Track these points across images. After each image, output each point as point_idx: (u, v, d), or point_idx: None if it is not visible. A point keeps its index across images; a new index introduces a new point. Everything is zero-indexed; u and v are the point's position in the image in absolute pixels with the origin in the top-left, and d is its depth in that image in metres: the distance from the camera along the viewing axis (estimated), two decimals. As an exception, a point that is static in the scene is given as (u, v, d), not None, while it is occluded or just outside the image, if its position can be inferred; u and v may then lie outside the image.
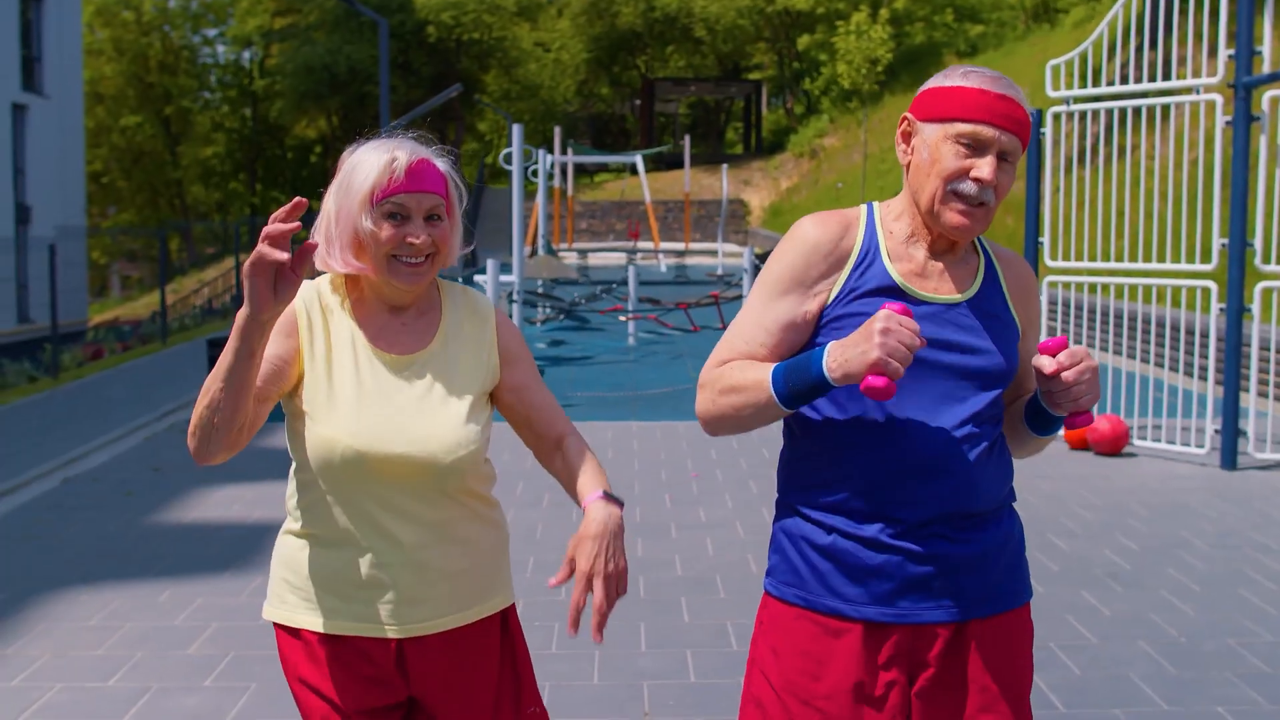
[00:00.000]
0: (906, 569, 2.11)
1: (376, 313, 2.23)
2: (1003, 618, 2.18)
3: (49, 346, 16.61)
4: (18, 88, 33.58)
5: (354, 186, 2.14)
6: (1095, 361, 2.04)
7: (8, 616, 5.28)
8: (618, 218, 42.85)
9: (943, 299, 2.14)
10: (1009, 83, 2.11)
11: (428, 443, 2.16)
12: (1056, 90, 8.70)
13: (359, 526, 2.17)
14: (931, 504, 2.10)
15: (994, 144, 2.05)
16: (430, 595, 2.21)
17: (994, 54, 37.47)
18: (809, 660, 2.16)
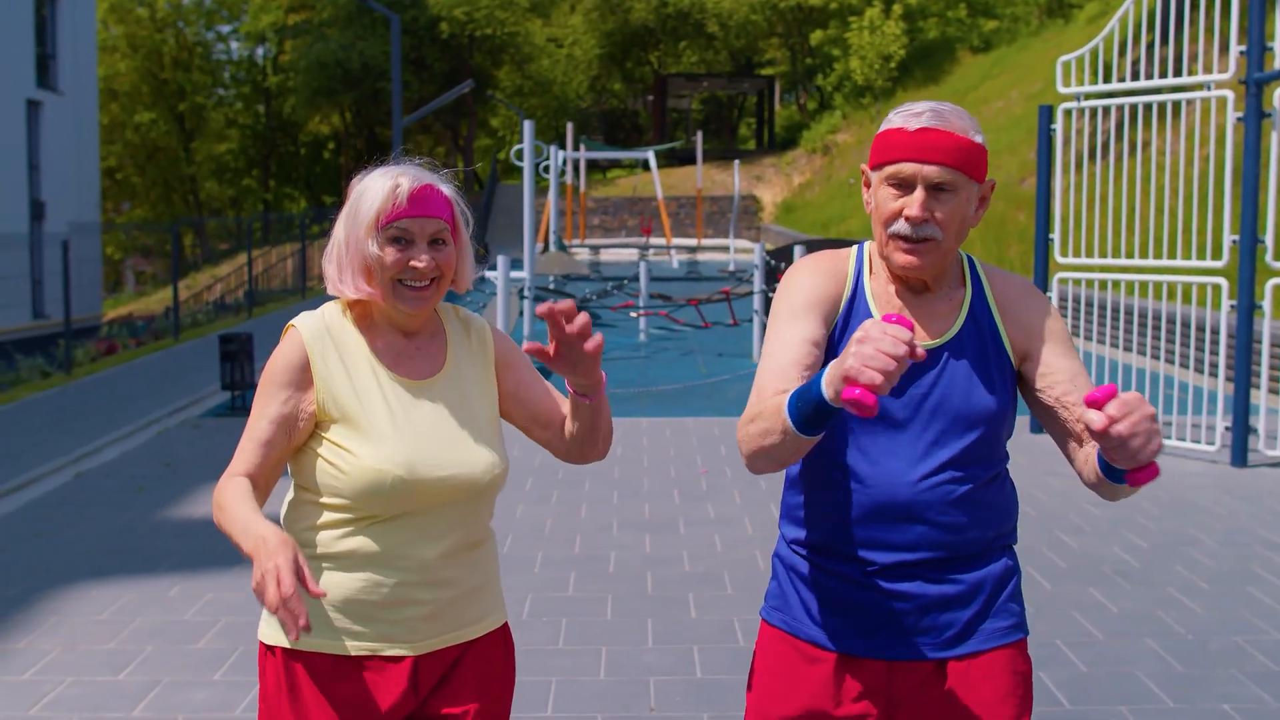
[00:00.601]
0: (883, 606, 2.14)
1: (388, 338, 2.25)
2: (987, 656, 2.13)
3: (62, 342, 16.66)
4: (32, 84, 33.71)
5: (360, 213, 2.17)
6: (1151, 408, 1.82)
7: (19, 611, 5.32)
8: (630, 214, 42.86)
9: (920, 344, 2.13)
10: (937, 113, 2.07)
11: (466, 465, 2.19)
12: (1067, 86, 8.69)
13: (387, 548, 2.17)
14: (903, 548, 2.12)
15: (917, 179, 2.05)
16: (447, 611, 2.23)
17: (1007, 49, 37.37)
18: (782, 683, 2.21)
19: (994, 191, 2.17)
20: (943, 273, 2.17)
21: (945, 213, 2.07)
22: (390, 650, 2.20)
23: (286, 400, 2.17)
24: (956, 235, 2.09)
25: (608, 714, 4.17)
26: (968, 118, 2.10)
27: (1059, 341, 2.17)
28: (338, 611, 2.18)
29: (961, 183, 2.06)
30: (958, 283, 2.19)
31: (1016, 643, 2.17)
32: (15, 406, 12.09)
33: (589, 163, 42.63)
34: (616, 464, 8.15)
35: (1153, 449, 1.80)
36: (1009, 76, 33.01)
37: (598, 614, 5.19)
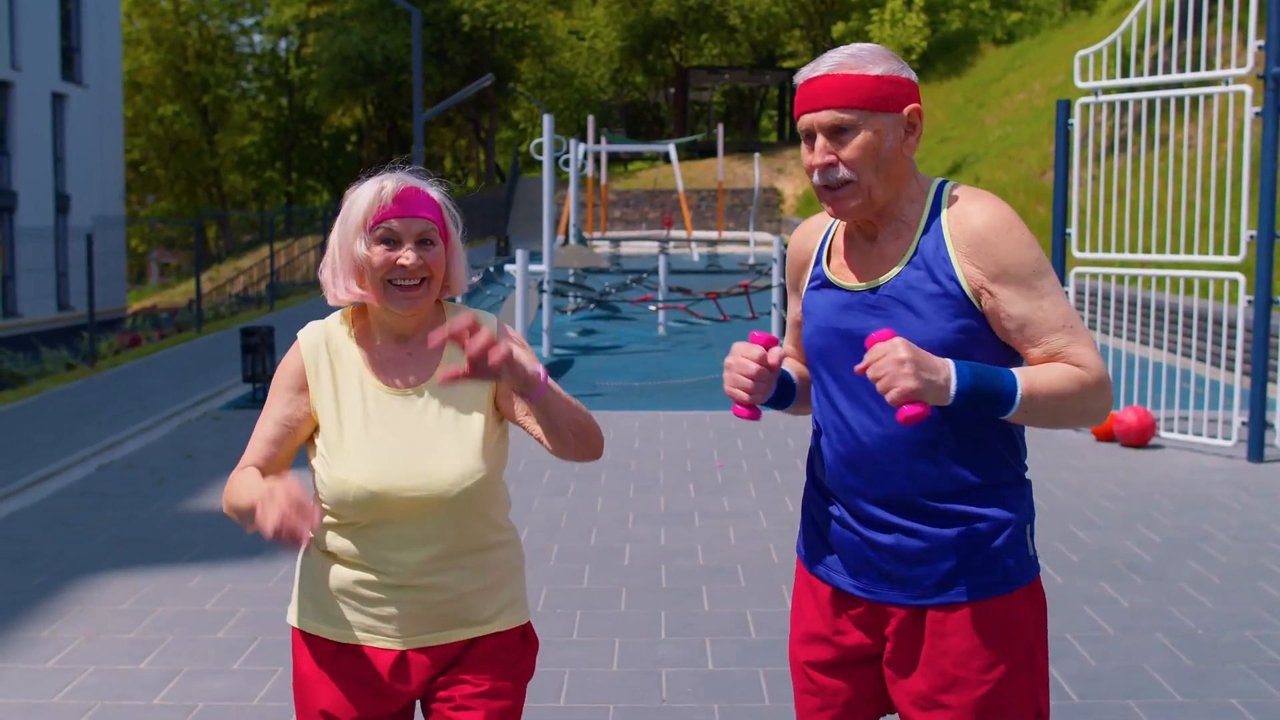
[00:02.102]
0: (863, 550, 2.21)
1: (382, 344, 2.32)
2: (971, 606, 2.15)
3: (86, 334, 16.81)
4: (57, 77, 33.97)
5: (350, 217, 2.26)
6: (900, 354, 1.93)
7: (43, 600, 5.40)
8: (651, 206, 42.88)
9: (860, 285, 2.18)
10: (830, 60, 2.10)
11: (433, 476, 2.23)
12: (1085, 81, 8.68)
13: (369, 553, 2.28)
14: (875, 497, 2.18)
15: (814, 127, 2.11)
16: (436, 614, 2.30)
17: (1030, 41, 37.19)
18: (794, 609, 2.39)
19: (922, 121, 2.11)
20: (885, 212, 2.16)
21: (849, 152, 2.08)
22: (380, 643, 2.30)
23: (289, 402, 2.31)
24: (876, 170, 2.09)
25: (620, 705, 4.22)
26: (870, 54, 2.10)
27: (1015, 283, 2.08)
28: (335, 601, 2.31)
29: (862, 119, 2.07)
30: (911, 217, 2.17)
31: (1002, 596, 2.16)
32: (40, 398, 12.22)
33: (610, 155, 42.66)
34: (633, 457, 8.20)
35: (896, 391, 1.93)
36: (1031, 69, 32.86)
37: (612, 606, 5.24)
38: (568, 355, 13.55)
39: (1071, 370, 2.08)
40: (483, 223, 41.97)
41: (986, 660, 2.14)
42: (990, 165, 26.94)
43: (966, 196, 2.14)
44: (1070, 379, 2.07)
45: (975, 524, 2.15)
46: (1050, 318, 2.09)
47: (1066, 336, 2.09)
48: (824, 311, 2.22)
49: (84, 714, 4.17)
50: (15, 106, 31.79)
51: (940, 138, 34.25)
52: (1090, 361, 2.09)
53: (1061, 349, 2.09)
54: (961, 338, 2.09)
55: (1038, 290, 2.08)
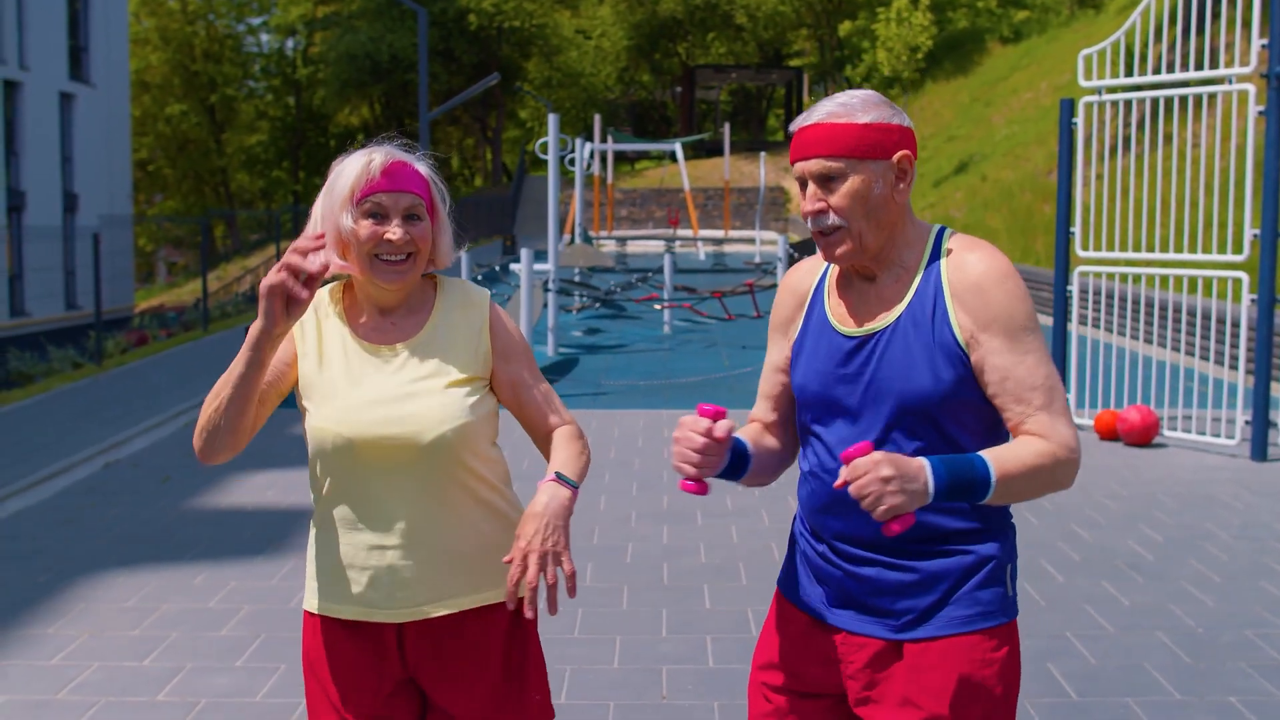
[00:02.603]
0: (846, 583, 2.23)
1: (367, 314, 2.35)
2: (944, 642, 2.16)
3: (93, 333, 16.86)
4: (65, 77, 34.05)
5: (336, 189, 2.27)
6: (884, 471, 1.94)
7: (48, 597, 5.43)
8: (658, 205, 42.89)
9: (859, 331, 2.19)
10: (819, 109, 2.14)
11: (407, 423, 2.25)
12: (1089, 80, 8.68)
13: (359, 510, 2.29)
14: (860, 537, 2.19)
15: (805, 175, 2.15)
16: (428, 576, 2.29)
17: (1038, 39, 37.16)
18: (764, 636, 2.39)
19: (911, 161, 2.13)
20: (882, 256, 2.18)
21: (838, 199, 2.11)
22: (377, 616, 2.30)
23: (278, 352, 2.34)
24: (867, 217, 2.12)
25: (620, 702, 4.24)
26: (861, 102, 2.13)
27: (1002, 335, 2.10)
28: (331, 576, 2.32)
29: (849, 166, 2.11)
30: (911, 263, 2.18)
31: (979, 631, 2.16)
32: (47, 397, 12.27)
33: (617, 154, 42.66)
34: (636, 456, 8.22)
35: (883, 508, 1.94)
36: (1039, 68, 32.84)
37: (613, 604, 5.26)
38: (572, 354, 13.57)
39: (1040, 446, 2.08)
40: (490, 221, 41.99)
41: (963, 696, 2.14)
42: (997, 164, 26.92)
43: (965, 245, 2.17)
44: (1039, 455, 2.07)
45: (956, 560, 2.17)
46: (1032, 375, 2.10)
47: (1044, 398, 2.10)
48: (821, 355, 2.23)
49: (88, 710, 4.20)
50: (23, 106, 31.87)
51: (947, 136, 34.23)
52: (1061, 434, 2.10)
53: (1034, 414, 2.10)
54: (954, 387, 2.11)
55: (1023, 345, 2.10)
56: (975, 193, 26.22)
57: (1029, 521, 6.47)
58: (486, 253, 32.56)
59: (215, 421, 2.21)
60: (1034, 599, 5.25)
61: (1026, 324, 2.11)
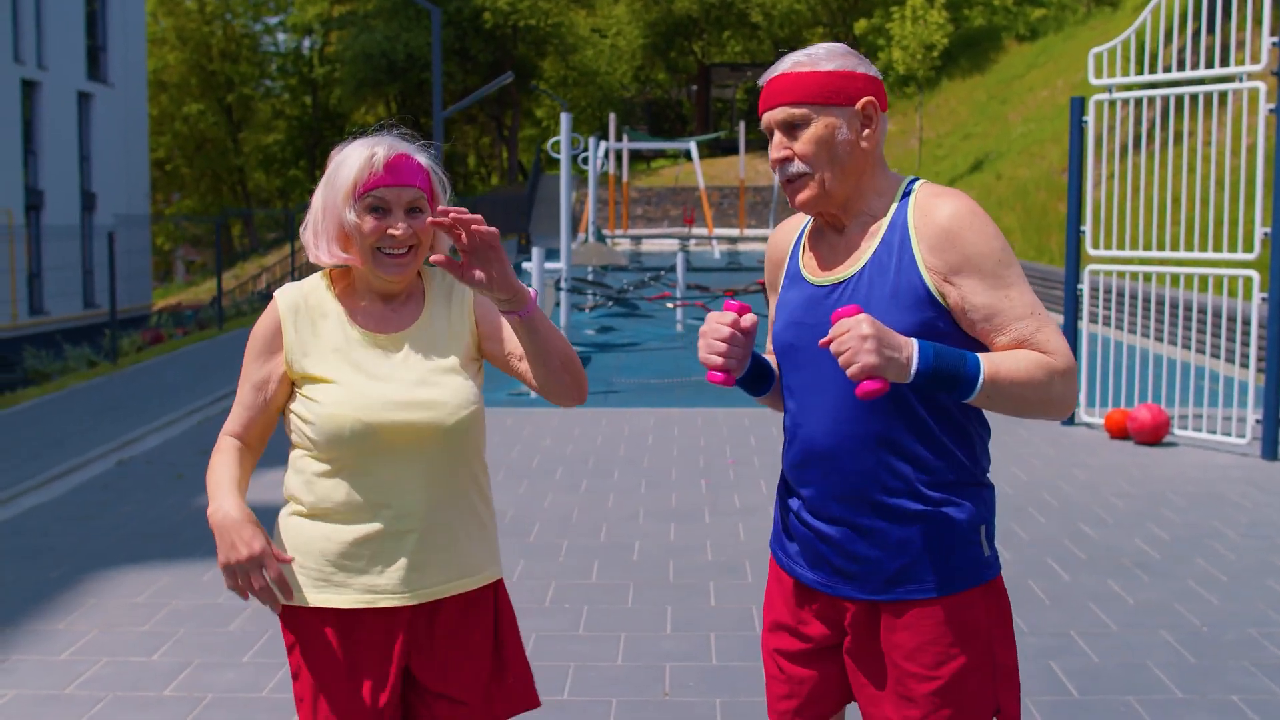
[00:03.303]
0: (817, 545, 2.26)
1: (365, 301, 2.36)
2: (920, 603, 2.18)
3: (109, 331, 16.97)
4: (83, 77, 34.22)
5: (338, 182, 2.26)
6: (864, 329, 1.94)
7: (60, 593, 5.48)
8: (673, 204, 42.89)
9: (826, 280, 2.22)
10: (785, 61, 2.18)
11: (431, 406, 2.28)
12: (1099, 79, 8.67)
13: (371, 497, 2.28)
14: (827, 491, 2.21)
15: (771, 125, 2.18)
16: (438, 560, 2.32)
17: (1054, 37, 37.04)
18: (766, 598, 2.44)
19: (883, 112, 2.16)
20: (850, 205, 2.20)
21: (802, 145, 2.14)
22: (384, 602, 2.30)
23: (261, 366, 2.35)
24: (831, 162, 2.14)
25: (623, 698, 4.26)
26: (826, 52, 2.16)
27: (979, 273, 2.10)
28: (333, 566, 2.30)
29: (814, 112, 2.13)
30: (879, 210, 2.20)
31: (953, 595, 2.17)
32: (63, 394, 12.35)
33: (632, 153, 42.67)
34: (646, 454, 8.25)
35: (856, 366, 1.94)
36: (1055, 65, 32.74)
37: (619, 601, 5.28)
38: (585, 352, 13.59)
39: (1038, 357, 2.07)
40: (506, 220, 42.03)
41: (936, 657, 2.16)
42: (1012, 162, 26.86)
43: (934, 192, 2.17)
44: (1036, 365, 2.06)
45: (926, 522, 2.17)
46: (1016, 306, 2.10)
47: (1034, 324, 2.10)
48: (792, 306, 2.27)
49: (96, 705, 4.24)
50: (42, 106, 32.04)
51: (963, 134, 34.15)
52: (1058, 348, 2.09)
53: (1029, 336, 2.09)
54: (922, 331, 2.11)
55: (1003, 280, 2.10)
56: (990, 191, 26.16)
57: (1035, 519, 6.47)
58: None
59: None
60: (1038, 597, 5.25)
61: (1002, 258, 2.11)
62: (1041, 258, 19.26)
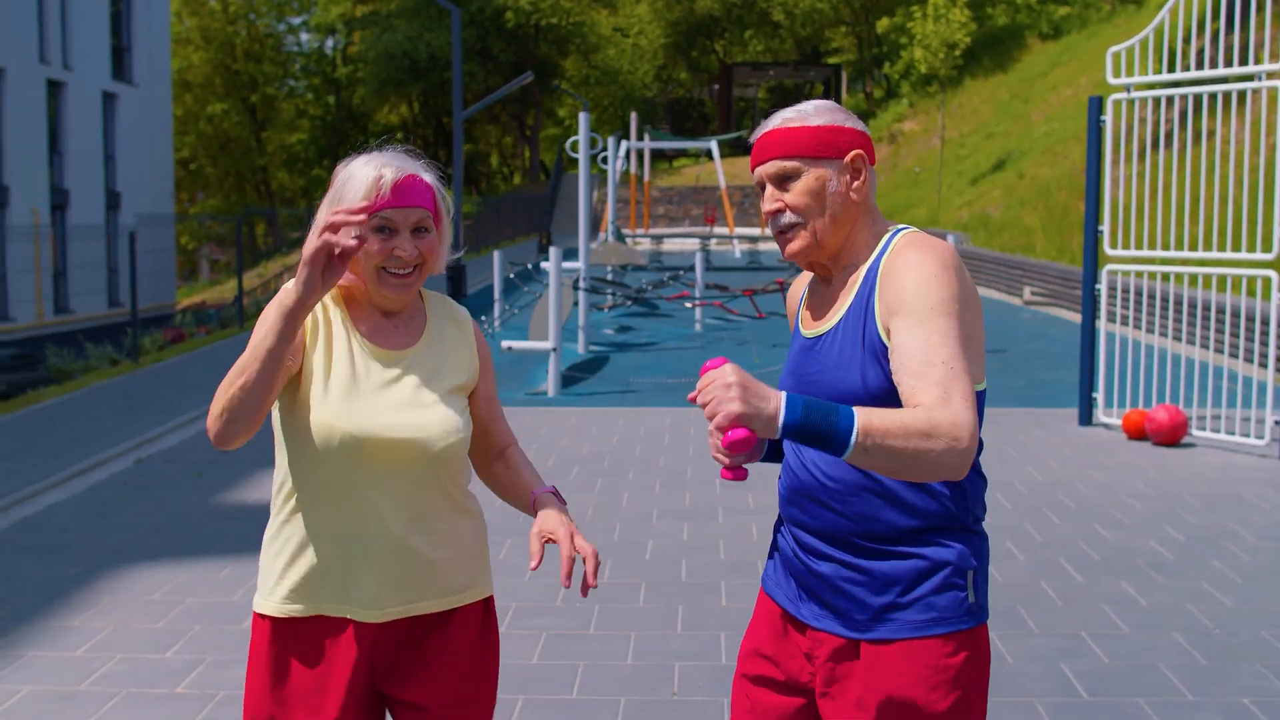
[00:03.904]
0: (807, 580, 2.27)
1: (369, 315, 2.36)
2: (900, 645, 2.17)
3: (130, 330, 17.08)
4: (108, 76, 34.46)
5: (344, 202, 2.25)
6: (729, 379, 1.87)
7: (76, 590, 5.53)
8: (694, 203, 42.89)
9: (809, 332, 2.28)
10: (776, 118, 2.22)
11: (421, 429, 2.28)
12: (1118, 77, 8.63)
13: (351, 511, 2.28)
14: (816, 530, 2.24)
15: (763, 178, 2.23)
16: (411, 580, 2.32)
17: (1078, 36, 36.87)
18: (750, 625, 2.43)
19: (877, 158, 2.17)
20: (839, 259, 2.23)
21: (794, 197, 2.18)
22: (358, 615, 2.28)
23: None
24: (822, 213, 2.17)
25: (631, 698, 4.28)
26: (814, 108, 2.21)
27: (906, 315, 2.04)
28: (305, 576, 2.30)
29: (804, 165, 2.17)
30: (862, 262, 2.21)
31: (935, 637, 2.16)
32: (84, 393, 12.45)
33: (655, 152, 42.68)
34: (662, 453, 8.26)
35: (719, 416, 1.86)
36: (1079, 64, 32.58)
37: (630, 600, 5.30)
38: (603, 352, 13.62)
39: (920, 414, 1.93)
40: (527, 219, 42.12)
41: (915, 700, 2.14)
42: (1035, 161, 26.75)
43: (908, 242, 2.14)
44: (917, 422, 1.91)
45: (911, 563, 2.16)
46: (930, 352, 1.99)
47: (940, 374, 1.97)
48: (790, 356, 2.34)
49: (108, 702, 4.28)
50: (67, 105, 32.29)
51: (986, 134, 34.02)
52: (949, 407, 1.94)
53: (930, 386, 1.97)
54: (883, 385, 2.09)
55: (928, 326, 2.01)
56: (1012, 190, 26.06)
57: (1050, 520, 6.46)
58: (523, 250, 32.68)
59: (239, 400, 2.13)
60: (1051, 598, 5.24)
61: (936, 306, 2.02)
62: (1062, 257, 19.18)
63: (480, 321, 15.01)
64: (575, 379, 11.67)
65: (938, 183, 32.06)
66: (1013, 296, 19.63)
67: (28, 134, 30.31)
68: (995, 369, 12.01)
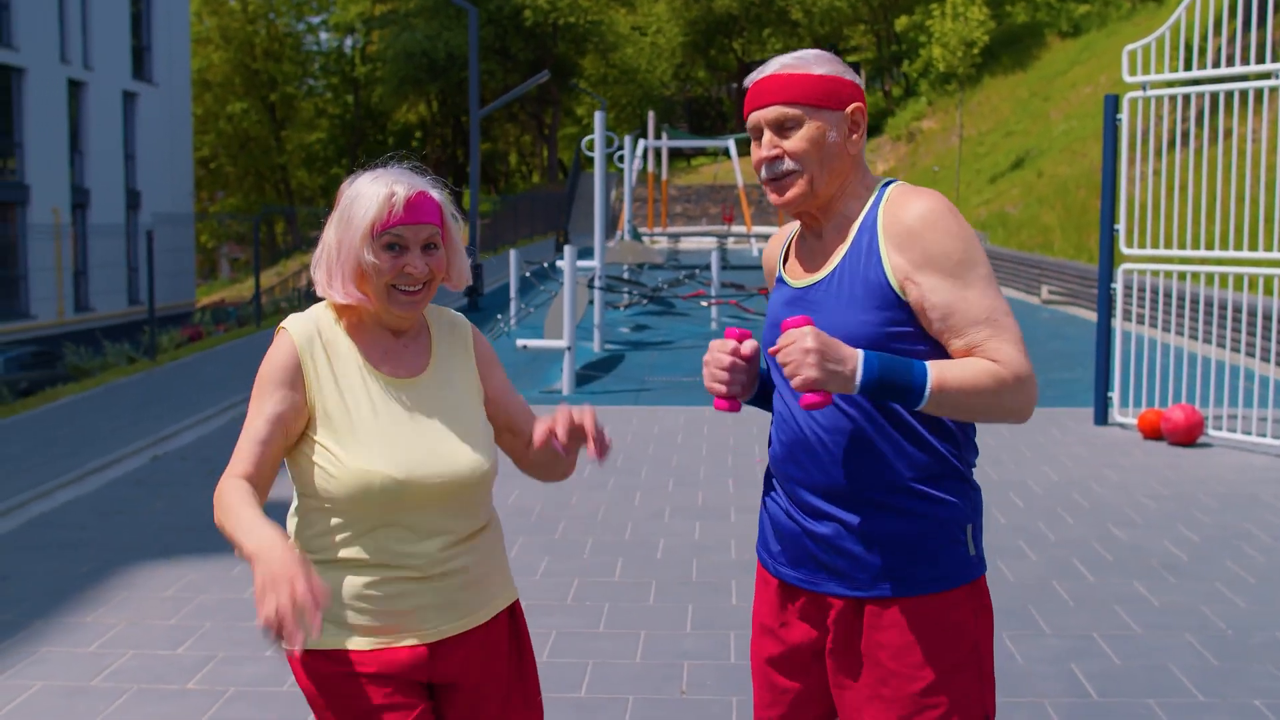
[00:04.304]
0: (803, 541, 2.26)
1: (377, 337, 2.32)
2: (905, 601, 2.18)
3: (147, 328, 17.17)
4: (128, 76, 34.65)
5: (355, 220, 2.23)
6: (808, 343, 2.00)
7: (91, 586, 5.56)
8: (712, 202, 42.88)
9: (799, 283, 2.27)
10: (775, 63, 2.21)
11: (456, 463, 2.26)
12: (1134, 75, 8.59)
13: (390, 547, 2.23)
14: (812, 486, 2.22)
15: (760, 124, 2.21)
16: (457, 600, 2.30)
17: (1097, 34, 36.72)
18: (754, 603, 2.44)
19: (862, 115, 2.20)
20: (829, 208, 2.23)
21: (795, 143, 2.17)
22: (407, 641, 2.24)
23: (282, 399, 2.21)
24: (820, 162, 2.17)
25: (639, 696, 4.28)
26: (814, 56, 2.20)
27: (939, 273, 2.10)
28: (351, 609, 2.23)
29: (806, 114, 2.17)
30: (853, 213, 2.23)
31: (938, 594, 2.18)
32: (101, 391, 12.51)
33: (673, 151, 42.66)
34: (675, 452, 8.25)
35: (799, 379, 2.01)
36: (1098, 62, 32.44)
37: (640, 599, 5.29)
38: (618, 350, 13.62)
39: (988, 365, 2.08)
40: (546, 218, 42.17)
41: (921, 656, 2.16)
42: (1053, 159, 26.66)
43: (905, 191, 2.19)
44: (986, 374, 2.06)
45: (911, 519, 2.18)
46: (973, 309, 2.10)
47: (988, 330, 2.10)
48: (774, 308, 2.32)
49: (119, 698, 4.30)
50: (87, 105, 32.48)
51: (1005, 132, 33.91)
52: (1009, 357, 2.09)
53: (982, 342, 2.10)
54: (887, 330, 2.12)
55: (963, 280, 2.10)
56: (1031, 189, 25.97)
57: (1064, 520, 6.43)
58: (540, 249, 32.72)
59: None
60: (1062, 598, 5.22)
61: (965, 258, 2.10)
62: (1080, 256, 19.10)
63: (496, 320, 15.03)
64: (590, 377, 11.68)
65: (956, 181, 31.96)
66: (1030, 295, 19.56)
67: (49, 133, 30.49)
68: (1011, 368, 11.96)
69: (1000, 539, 6.10)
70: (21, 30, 29.49)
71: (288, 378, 2.23)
